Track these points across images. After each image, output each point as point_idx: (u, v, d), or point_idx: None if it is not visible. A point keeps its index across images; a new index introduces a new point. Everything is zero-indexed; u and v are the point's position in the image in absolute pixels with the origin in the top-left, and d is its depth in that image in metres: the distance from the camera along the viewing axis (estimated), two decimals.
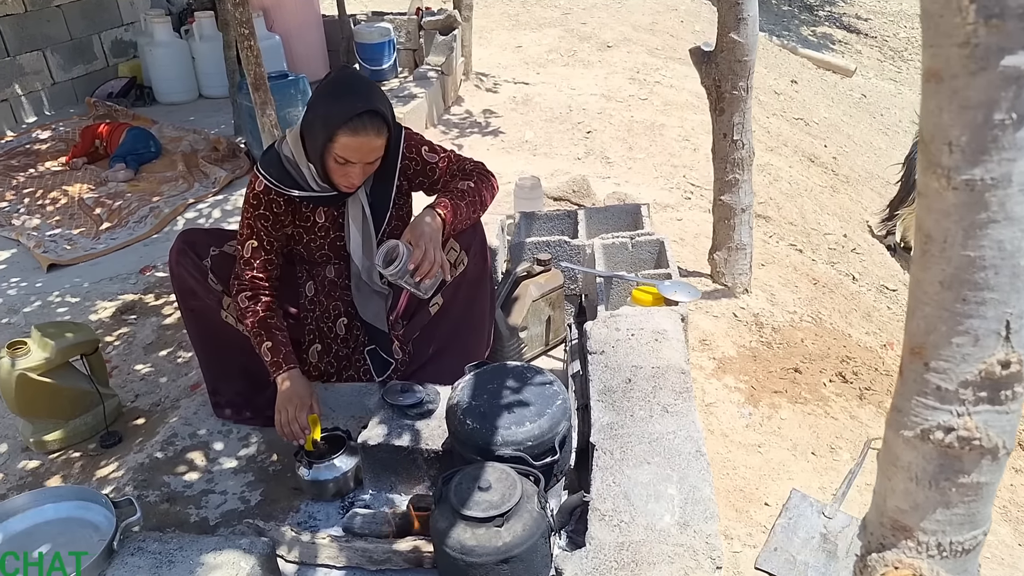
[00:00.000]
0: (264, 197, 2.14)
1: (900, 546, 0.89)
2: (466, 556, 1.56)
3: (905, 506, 0.88)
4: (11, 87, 5.86)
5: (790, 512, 2.07)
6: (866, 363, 2.83)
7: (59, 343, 2.46)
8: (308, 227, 2.22)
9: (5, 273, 3.91)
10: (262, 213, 2.15)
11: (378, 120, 1.98)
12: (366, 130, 1.96)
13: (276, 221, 2.17)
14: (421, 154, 2.22)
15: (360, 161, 2.02)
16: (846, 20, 12.00)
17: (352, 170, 2.03)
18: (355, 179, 2.06)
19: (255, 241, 2.16)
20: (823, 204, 5.09)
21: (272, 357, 2.15)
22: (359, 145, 1.98)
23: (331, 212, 2.21)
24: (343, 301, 2.34)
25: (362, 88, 2.02)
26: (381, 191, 2.22)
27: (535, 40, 7.85)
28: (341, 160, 2.01)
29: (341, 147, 1.98)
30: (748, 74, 2.80)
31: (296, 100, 4.81)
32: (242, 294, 2.18)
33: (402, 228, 2.30)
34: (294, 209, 2.19)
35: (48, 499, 1.70)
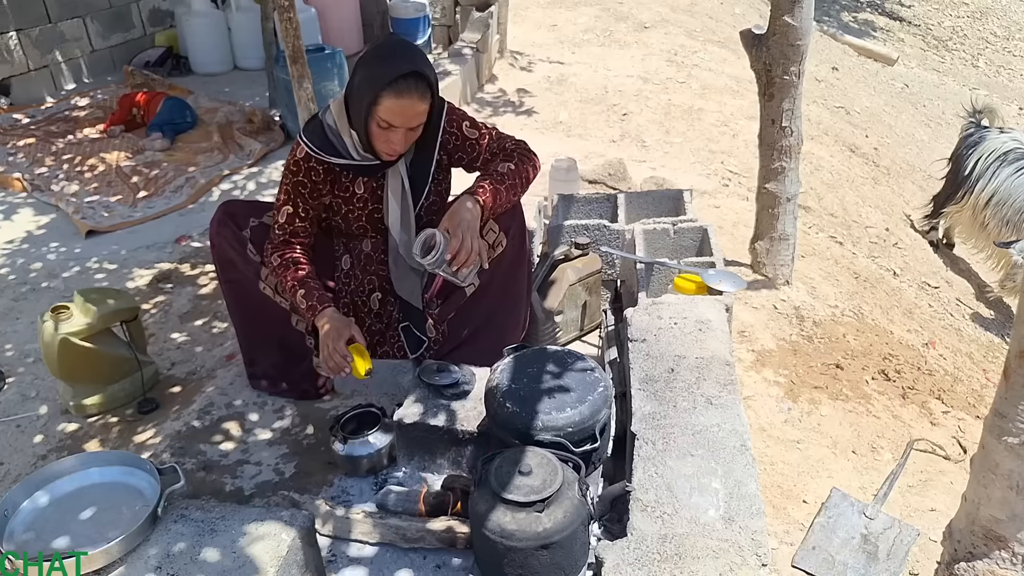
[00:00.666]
0: (304, 164, 2.13)
1: (992, 556, 0.85)
2: (505, 540, 1.55)
3: (1001, 515, 0.85)
4: (52, 53, 5.89)
5: (830, 511, 2.04)
6: (909, 361, 2.78)
7: (101, 309, 2.48)
8: (347, 198, 2.21)
9: (45, 238, 3.95)
10: (301, 180, 2.14)
11: (423, 84, 1.96)
12: (410, 92, 1.94)
13: (314, 189, 2.16)
14: (462, 129, 2.20)
15: (403, 125, 1.99)
16: (888, 7, 11.73)
17: (394, 135, 2.01)
18: (397, 145, 2.04)
19: (291, 207, 2.16)
20: (864, 196, 5.00)
21: (307, 303, 2.12)
22: (402, 108, 1.96)
23: (370, 183, 2.19)
24: (378, 276, 2.33)
25: (407, 52, 2.01)
26: (421, 164, 2.20)
27: (571, 19, 7.75)
28: (384, 124, 1.98)
29: (384, 110, 1.96)
30: (801, 59, 2.74)
31: (332, 74, 4.79)
32: (274, 255, 2.17)
33: (440, 204, 2.29)
34: (333, 179, 2.18)
35: (94, 463, 1.71)
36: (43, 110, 5.58)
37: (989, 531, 0.87)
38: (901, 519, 2.01)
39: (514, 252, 2.29)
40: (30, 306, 3.36)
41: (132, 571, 1.49)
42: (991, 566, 0.86)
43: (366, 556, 1.86)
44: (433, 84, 2.01)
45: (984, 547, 0.87)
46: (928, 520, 2.07)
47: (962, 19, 11.33)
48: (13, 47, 5.59)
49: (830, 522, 2.01)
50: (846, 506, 2.04)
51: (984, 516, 0.90)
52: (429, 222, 2.25)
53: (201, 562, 1.50)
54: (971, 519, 0.92)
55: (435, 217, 2.26)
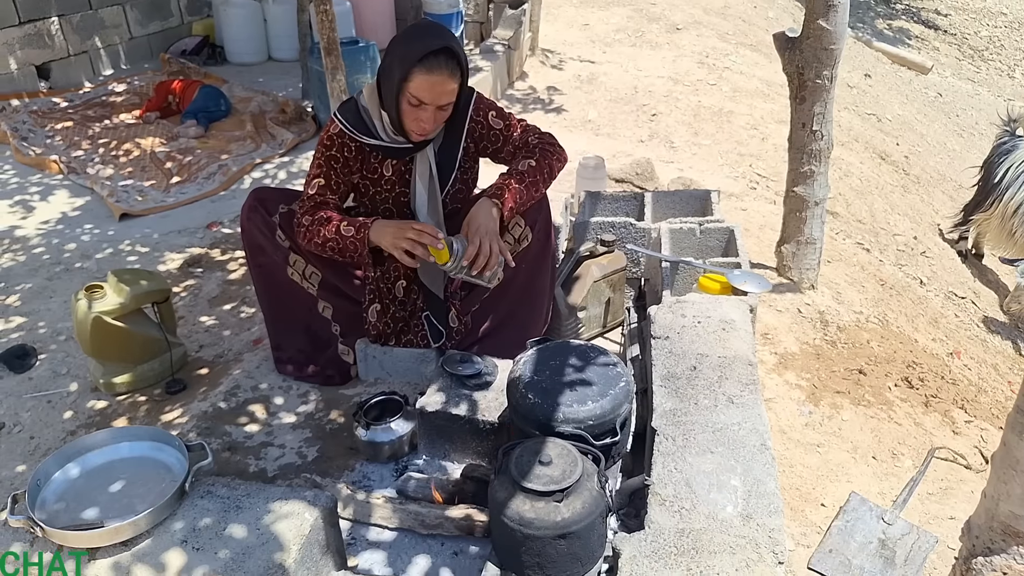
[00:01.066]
0: (337, 140, 2.18)
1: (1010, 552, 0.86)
2: (524, 528, 1.57)
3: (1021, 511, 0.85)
4: (91, 39, 6.00)
5: (848, 515, 2.03)
6: (933, 370, 2.76)
7: (134, 290, 2.53)
8: (375, 179, 2.24)
9: (79, 219, 4.03)
10: (333, 155, 2.18)
11: (452, 62, 1.99)
12: (440, 69, 1.97)
13: (345, 165, 2.20)
14: (488, 118, 2.23)
15: (432, 103, 2.02)
16: (924, 15, 11.60)
17: (424, 113, 2.03)
18: (427, 124, 2.06)
19: (322, 180, 2.20)
20: (893, 203, 4.96)
21: (352, 227, 2.13)
22: (432, 84, 1.98)
23: (399, 167, 2.22)
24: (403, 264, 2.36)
25: (439, 31, 2.04)
26: (448, 151, 2.24)
27: (603, 19, 7.74)
28: (415, 101, 2.01)
29: (415, 86, 1.99)
30: (834, 63, 2.73)
31: (365, 66, 4.83)
32: (305, 216, 2.20)
33: (466, 192, 2.31)
34: (363, 158, 2.22)
35: (125, 438, 1.75)
36: (81, 95, 5.69)
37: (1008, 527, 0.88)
38: (920, 526, 2.01)
39: (539, 246, 2.31)
40: (63, 285, 3.43)
41: (159, 544, 1.52)
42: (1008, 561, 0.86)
43: (385, 540, 1.88)
44: (463, 64, 2.03)
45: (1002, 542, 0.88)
46: (947, 528, 2.06)
47: (999, 29, 11.17)
48: (54, 32, 5.70)
49: (848, 526, 2.01)
50: (865, 510, 2.03)
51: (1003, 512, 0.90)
52: (454, 210, 2.27)
53: (226, 537, 1.53)
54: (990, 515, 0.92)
55: (460, 205, 2.29)
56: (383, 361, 2.43)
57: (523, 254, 2.28)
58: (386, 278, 2.37)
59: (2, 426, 2.59)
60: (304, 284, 2.34)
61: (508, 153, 2.26)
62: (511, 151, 2.25)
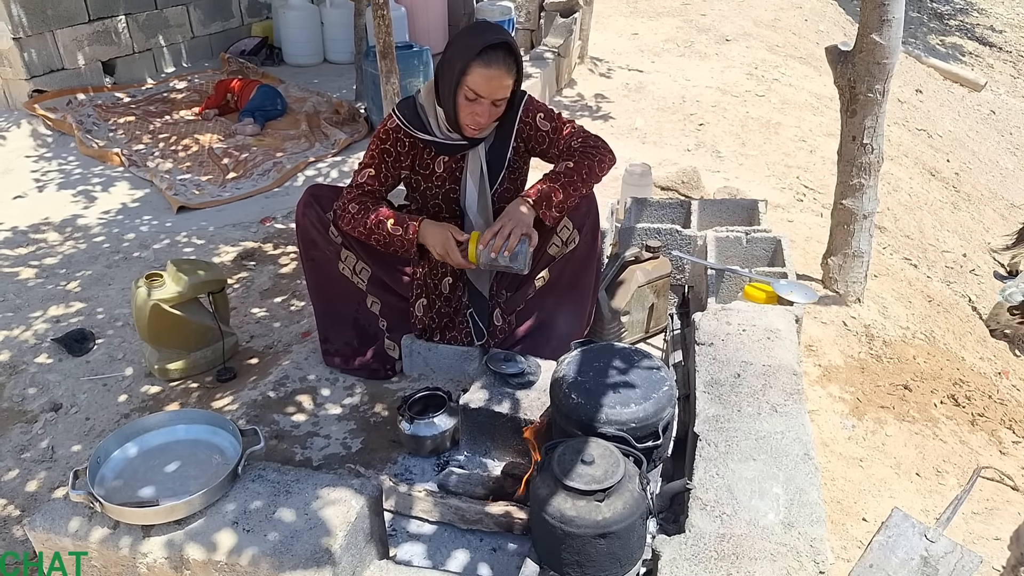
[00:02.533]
0: (393, 135, 2.25)
1: None
2: (565, 525, 1.59)
3: None
4: (156, 38, 6.20)
5: (890, 530, 2.02)
6: (980, 389, 2.72)
7: (192, 279, 2.61)
8: (427, 175, 2.30)
9: (139, 211, 4.17)
10: (387, 148, 2.26)
11: (510, 58, 2.06)
12: (498, 64, 2.04)
13: (396, 160, 2.27)
14: (536, 120, 2.27)
15: (488, 96, 2.08)
16: (979, 31, 11.35)
17: (480, 107, 2.09)
18: (482, 118, 2.12)
19: (373, 171, 2.28)
20: (943, 220, 4.87)
21: (400, 226, 2.21)
22: (489, 78, 2.05)
23: (450, 164, 2.28)
24: None
25: (497, 28, 2.12)
26: (498, 150, 2.29)
27: (652, 29, 7.74)
28: (471, 95, 2.08)
29: (473, 80, 2.05)
30: (886, 77, 2.71)
31: (418, 71, 4.91)
32: (351, 203, 2.26)
33: (514, 192, 2.35)
34: (416, 154, 2.28)
35: (181, 420, 1.81)
36: (143, 90, 5.87)
37: None
38: (963, 545, 1.98)
39: (585, 249, 2.33)
40: (122, 273, 3.54)
41: (211, 524, 1.57)
42: None
43: (425, 533, 1.92)
44: (519, 62, 2.10)
45: None
46: (992, 548, 2.03)
47: None
48: (121, 30, 5.90)
49: (889, 541, 1.99)
50: (907, 527, 2.01)
51: None
52: (500, 209, 2.31)
53: (275, 520, 1.58)
54: None
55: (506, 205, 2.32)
56: (427, 357, 2.47)
57: (569, 256, 2.31)
58: (433, 274, 2.42)
59: (60, 407, 2.70)
60: (354, 279, 2.40)
61: (554, 155, 2.30)
62: (556, 153, 2.29)
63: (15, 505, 2.28)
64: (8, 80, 5.44)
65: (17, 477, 2.39)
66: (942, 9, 11.89)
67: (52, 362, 2.91)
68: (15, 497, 2.31)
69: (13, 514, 2.24)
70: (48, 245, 3.85)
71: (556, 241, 2.27)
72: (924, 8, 11.75)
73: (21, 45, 5.30)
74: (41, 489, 2.34)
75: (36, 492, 2.32)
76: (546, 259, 2.29)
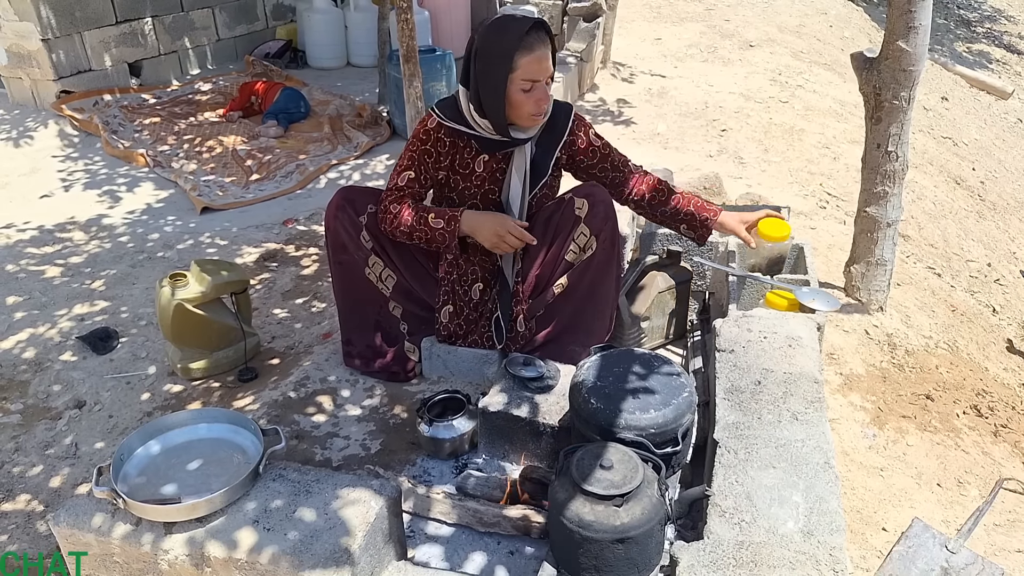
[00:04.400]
0: (433, 134, 2.24)
1: None
2: (583, 530, 1.59)
3: None
4: (181, 40, 6.27)
5: (910, 540, 2.00)
6: (1003, 400, 2.69)
7: (215, 279, 2.64)
8: (466, 175, 2.29)
9: (163, 211, 4.22)
10: (427, 149, 2.25)
11: (544, 33, 2.08)
12: (542, 43, 2.07)
13: (436, 161, 2.27)
14: (588, 135, 2.32)
15: (542, 77, 2.09)
16: (1007, 39, 11.22)
17: (539, 92, 2.10)
18: (544, 100, 2.13)
19: (412, 172, 2.27)
20: (967, 229, 4.82)
21: (441, 219, 2.24)
22: (539, 60, 2.07)
23: (491, 163, 2.28)
24: (481, 267, 2.41)
25: (513, 16, 2.12)
26: (542, 156, 2.30)
27: (675, 34, 7.72)
28: (527, 85, 2.08)
29: (524, 70, 2.06)
30: (912, 84, 2.69)
31: (441, 74, 4.93)
32: (392, 204, 2.27)
33: (548, 199, 2.36)
34: (456, 154, 2.27)
35: (204, 419, 1.83)
36: (169, 92, 5.94)
37: None
38: (985, 557, 1.96)
39: (604, 255, 2.32)
40: (146, 273, 3.59)
41: (231, 522, 1.59)
42: None
43: (442, 535, 1.92)
44: (551, 33, 2.11)
45: None
46: (1014, 561, 2.01)
47: None
48: (147, 31, 5.97)
49: (909, 552, 1.97)
50: (927, 537, 1.99)
51: None
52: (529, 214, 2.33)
53: (296, 519, 1.59)
54: None
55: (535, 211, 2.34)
56: (447, 360, 2.48)
57: (588, 262, 2.31)
58: (463, 281, 2.42)
59: (84, 404, 2.73)
60: (379, 285, 2.41)
61: (604, 170, 2.35)
62: (608, 168, 2.35)
63: (39, 500, 2.31)
64: (36, 81, 5.53)
65: (41, 473, 2.42)
66: (969, 16, 11.77)
67: (76, 360, 2.96)
68: (39, 493, 2.34)
69: (37, 509, 2.28)
70: (73, 244, 3.91)
71: (573, 248, 2.26)
72: (951, 15, 11.64)
73: (49, 46, 5.38)
74: (64, 485, 2.37)
75: (60, 488, 2.36)
76: (564, 265, 2.29)
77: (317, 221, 4.02)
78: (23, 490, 2.36)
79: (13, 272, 3.63)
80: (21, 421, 2.66)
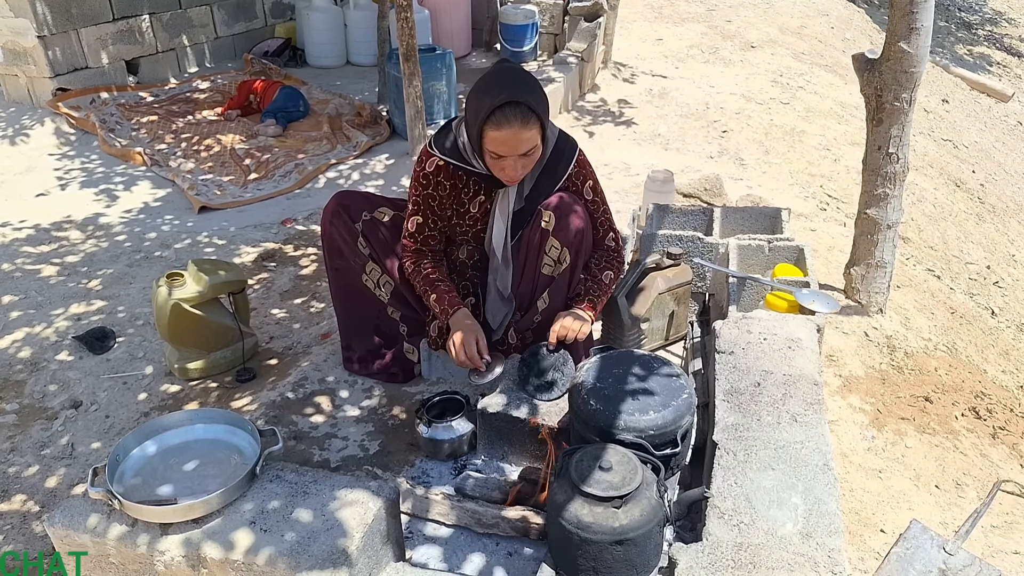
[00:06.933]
0: (433, 178, 2.20)
1: None
2: (581, 531, 1.59)
3: None
4: (179, 38, 6.26)
5: (908, 542, 1.99)
6: (1002, 402, 2.69)
7: (212, 279, 2.63)
8: (460, 212, 2.27)
9: (160, 210, 4.21)
10: (429, 194, 2.23)
11: (522, 110, 1.95)
12: (509, 122, 1.95)
13: (440, 204, 2.25)
14: (583, 187, 2.23)
15: (510, 154, 2.01)
16: (1008, 42, 11.22)
17: (506, 163, 2.04)
18: (510, 172, 2.06)
19: (420, 218, 2.25)
20: (967, 232, 4.82)
21: (440, 306, 2.23)
22: (505, 138, 1.98)
23: (484, 204, 2.25)
24: (471, 282, 2.41)
25: (508, 81, 2.00)
26: (537, 197, 2.21)
27: (676, 34, 7.72)
28: (494, 155, 2.03)
29: (490, 141, 2.00)
30: (913, 86, 2.68)
31: (441, 74, 4.92)
32: (407, 261, 2.28)
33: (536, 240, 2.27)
34: (456, 195, 2.24)
35: (200, 419, 1.82)
36: (166, 90, 5.93)
37: None
38: (982, 558, 1.95)
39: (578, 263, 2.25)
40: (143, 272, 3.58)
41: (228, 523, 1.58)
42: None
43: (441, 536, 1.92)
44: (536, 108, 1.98)
45: None
46: (1011, 563, 2.00)
47: None
48: (145, 29, 5.96)
49: (907, 553, 1.96)
50: (925, 539, 1.99)
51: None
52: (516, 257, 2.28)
53: (292, 521, 1.58)
54: None
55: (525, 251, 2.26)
56: (446, 361, 2.47)
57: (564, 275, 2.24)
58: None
59: (80, 404, 2.72)
60: (376, 292, 2.40)
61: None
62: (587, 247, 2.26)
63: (35, 501, 2.30)
64: (32, 78, 5.51)
65: (37, 473, 2.41)
66: (970, 19, 11.78)
67: (73, 360, 2.94)
68: (35, 493, 2.33)
69: (33, 510, 2.26)
70: (70, 243, 3.90)
71: (548, 261, 2.21)
72: (952, 18, 11.64)
73: (46, 43, 5.36)
74: (60, 486, 2.36)
75: (55, 488, 2.35)
76: (543, 280, 2.24)
77: (315, 221, 4.00)
78: (19, 490, 2.34)
79: (9, 271, 3.62)
80: (17, 421, 2.65)
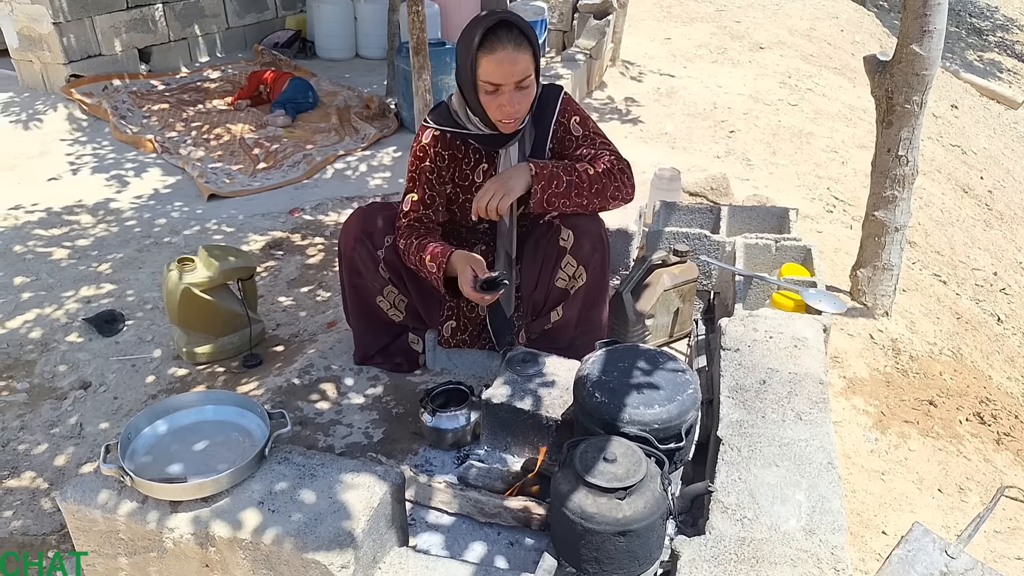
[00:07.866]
0: (430, 149, 2.18)
1: None
2: (585, 522, 1.60)
3: None
4: (191, 27, 6.28)
5: (910, 544, 2.00)
6: (1007, 408, 2.69)
7: (222, 265, 2.65)
8: (466, 186, 2.25)
9: (170, 197, 4.23)
10: (427, 166, 2.19)
11: (513, 32, 1.91)
12: (503, 44, 1.90)
13: (438, 177, 2.21)
14: (570, 123, 2.19)
15: (506, 82, 1.95)
16: (1018, 49, 11.21)
17: (503, 97, 1.98)
18: (509, 107, 2.00)
19: (415, 195, 2.22)
20: (974, 237, 4.82)
21: (435, 264, 2.13)
22: (499, 62, 1.92)
23: (489, 173, 2.22)
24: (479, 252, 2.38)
25: (496, 11, 1.99)
26: (536, 152, 2.21)
27: (685, 34, 7.72)
28: (490, 88, 1.96)
29: (484, 71, 1.94)
30: (924, 89, 2.69)
31: (450, 68, 4.93)
32: (400, 241, 2.25)
33: None
34: (456, 167, 2.22)
35: (210, 401, 1.84)
36: (178, 79, 5.95)
37: None
38: (984, 563, 1.96)
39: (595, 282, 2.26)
40: (152, 258, 3.60)
41: (237, 502, 1.60)
42: None
43: (443, 524, 1.93)
44: (528, 31, 1.94)
45: None
46: (1013, 568, 2.01)
47: None
48: (158, 18, 5.98)
49: (909, 555, 1.97)
50: (927, 542, 2.00)
51: None
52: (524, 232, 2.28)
53: (299, 502, 1.60)
54: None
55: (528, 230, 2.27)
56: (451, 352, 2.49)
57: (580, 292, 2.26)
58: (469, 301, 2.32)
59: (89, 385, 2.74)
60: (390, 312, 2.40)
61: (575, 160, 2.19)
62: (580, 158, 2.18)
63: (43, 478, 2.32)
64: (47, 64, 5.54)
65: (46, 451, 2.43)
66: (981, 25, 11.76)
67: (82, 341, 2.97)
68: (44, 471, 2.36)
69: (42, 487, 2.29)
70: (81, 227, 3.92)
71: (562, 276, 2.22)
72: (963, 23, 11.63)
73: (60, 30, 5.39)
74: (69, 464, 2.38)
75: (64, 467, 2.37)
76: (556, 293, 2.24)
77: (323, 211, 4.02)
78: (28, 468, 2.37)
79: (21, 253, 3.65)
80: (27, 400, 2.67)
